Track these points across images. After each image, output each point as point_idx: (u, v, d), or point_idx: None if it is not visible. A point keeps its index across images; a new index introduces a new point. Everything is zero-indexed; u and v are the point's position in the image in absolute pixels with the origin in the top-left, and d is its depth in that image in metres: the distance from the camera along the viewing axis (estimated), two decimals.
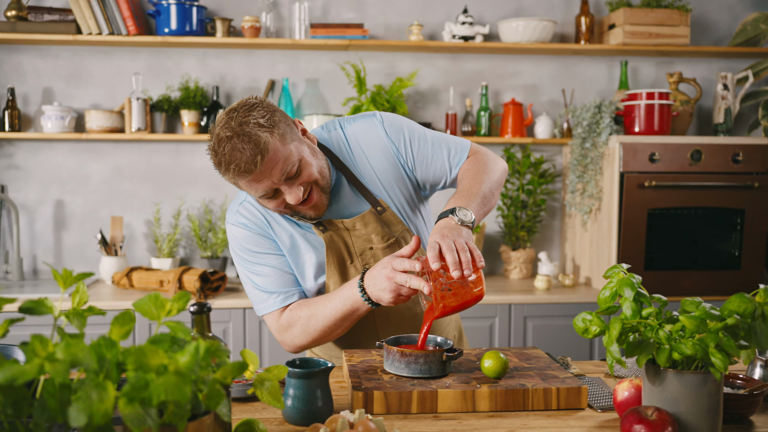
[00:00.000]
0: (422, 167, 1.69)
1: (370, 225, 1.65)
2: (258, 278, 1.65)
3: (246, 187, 1.51)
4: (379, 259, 1.65)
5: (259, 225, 1.64)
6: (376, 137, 1.67)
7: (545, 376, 1.44)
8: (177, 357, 0.86)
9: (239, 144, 1.44)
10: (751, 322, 1.15)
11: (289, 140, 1.50)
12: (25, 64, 3.34)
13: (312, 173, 1.53)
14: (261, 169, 1.45)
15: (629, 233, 3.02)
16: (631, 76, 3.61)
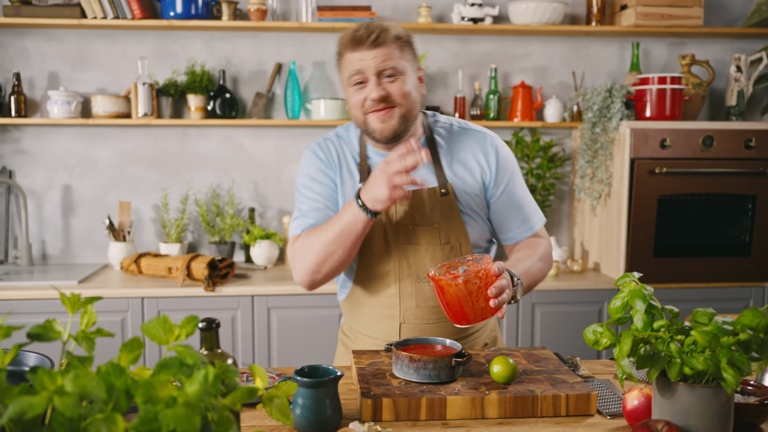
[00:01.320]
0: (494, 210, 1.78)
1: (417, 203, 1.70)
2: (301, 202, 1.76)
3: (350, 61, 1.64)
4: (419, 241, 1.70)
5: (329, 160, 1.76)
6: (481, 147, 1.75)
7: (554, 381, 1.43)
8: (186, 385, 0.86)
9: (368, 24, 1.64)
10: (764, 337, 1.14)
11: (405, 56, 1.65)
12: (30, 48, 3.31)
13: (402, 89, 1.63)
14: (370, 44, 1.60)
15: (639, 220, 2.99)
16: (643, 58, 3.55)
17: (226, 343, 2.92)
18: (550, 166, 3.42)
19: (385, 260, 1.72)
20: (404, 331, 1.73)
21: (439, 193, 1.71)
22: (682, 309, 3.03)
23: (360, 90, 1.65)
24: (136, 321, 2.87)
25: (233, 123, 3.26)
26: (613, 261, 3.13)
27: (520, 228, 1.79)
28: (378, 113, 1.64)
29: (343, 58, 1.66)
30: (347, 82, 1.67)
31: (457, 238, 1.72)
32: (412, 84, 1.67)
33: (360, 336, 1.81)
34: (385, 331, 1.75)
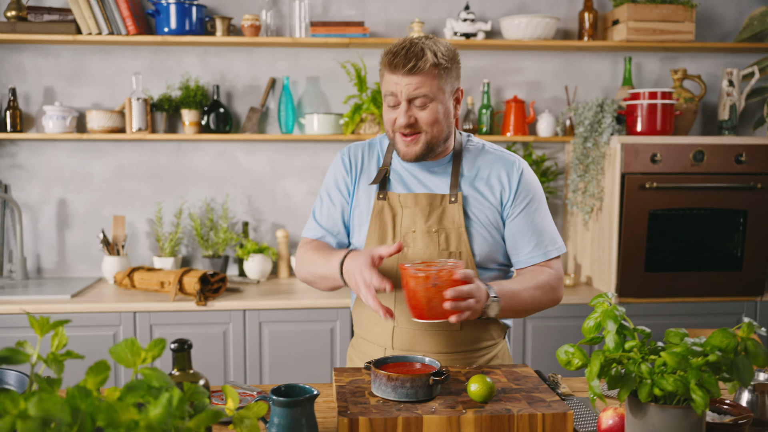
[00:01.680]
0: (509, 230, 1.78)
1: (419, 206, 1.74)
2: (318, 207, 1.87)
3: (387, 80, 1.68)
4: (418, 245, 1.73)
5: (352, 164, 1.84)
6: (506, 168, 1.78)
7: (532, 400, 1.44)
8: (150, 408, 0.87)
9: (411, 45, 1.64)
10: (734, 357, 1.15)
11: (441, 82, 1.66)
12: (26, 63, 3.34)
13: (429, 119, 1.67)
14: (404, 71, 1.63)
15: (630, 234, 3.00)
16: (636, 72, 3.57)
17: (218, 357, 2.93)
18: (542, 180, 3.43)
19: (385, 262, 1.73)
20: (397, 335, 1.74)
21: (448, 200, 1.75)
22: (674, 323, 3.03)
23: (392, 110, 1.69)
24: (128, 335, 2.88)
25: (227, 138, 3.29)
26: (604, 275, 3.13)
27: (531, 253, 1.77)
28: (404, 137, 1.70)
29: (382, 73, 1.70)
30: (383, 97, 1.72)
31: (457, 246, 1.72)
32: (443, 110, 1.68)
33: (361, 341, 1.86)
34: (380, 334, 1.78)
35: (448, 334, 1.75)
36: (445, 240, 1.73)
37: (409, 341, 1.75)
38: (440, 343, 1.75)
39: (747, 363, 1.15)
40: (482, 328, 1.79)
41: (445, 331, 1.74)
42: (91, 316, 2.88)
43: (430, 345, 1.75)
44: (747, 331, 1.16)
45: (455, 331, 1.75)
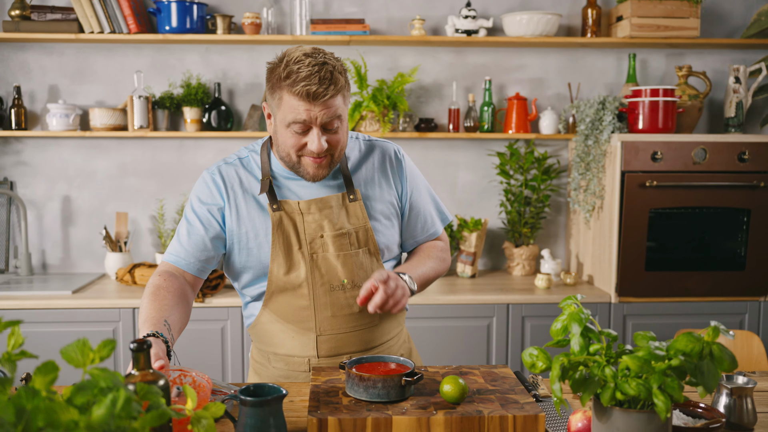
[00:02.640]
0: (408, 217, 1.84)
1: (325, 210, 1.72)
2: (183, 228, 1.73)
3: (294, 108, 1.57)
4: (328, 249, 1.71)
5: (224, 185, 1.72)
6: (389, 158, 1.82)
7: (505, 401, 1.43)
8: (93, 409, 0.87)
9: (319, 70, 1.54)
10: (698, 362, 1.13)
11: (346, 101, 1.64)
12: (31, 62, 3.38)
13: (341, 140, 1.65)
14: (323, 100, 1.55)
15: (630, 233, 2.97)
16: (641, 69, 3.53)
17: (216, 354, 2.94)
18: (544, 178, 3.41)
19: (295, 273, 1.71)
20: (321, 343, 1.73)
21: (348, 199, 1.74)
22: (675, 324, 3.00)
23: (299, 135, 1.61)
24: (128, 331, 2.91)
25: (229, 135, 3.30)
26: (605, 274, 3.10)
27: (426, 233, 1.89)
28: (314, 160, 1.64)
29: (284, 99, 1.58)
30: (284, 123, 1.60)
31: (365, 242, 1.75)
32: (347, 128, 1.68)
33: (274, 357, 1.78)
34: (301, 346, 1.74)
35: (369, 331, 1.77)
36: (355, 240, 1.73)
37: (335, 346, 1.74)
38: (363, 342, 1.76)
39: (712, 368, 1.13)
40: (392, 317, 1.83)
41: (366, 329, 1.77)
42: (92, 312, 2.91)
43: (355, 345, 1.76)
44: (712, 335, 1.14)
45: (374, 326, 1.78)
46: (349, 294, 1.73)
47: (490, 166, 3.53)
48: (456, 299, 2.99)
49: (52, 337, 2.88)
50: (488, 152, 3.53)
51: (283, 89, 1.57)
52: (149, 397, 1.01)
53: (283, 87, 1.57)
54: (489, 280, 3.31)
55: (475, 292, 3.07)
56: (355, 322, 1.75)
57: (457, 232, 3.40)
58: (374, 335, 1.79)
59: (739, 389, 1.42)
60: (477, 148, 3.53)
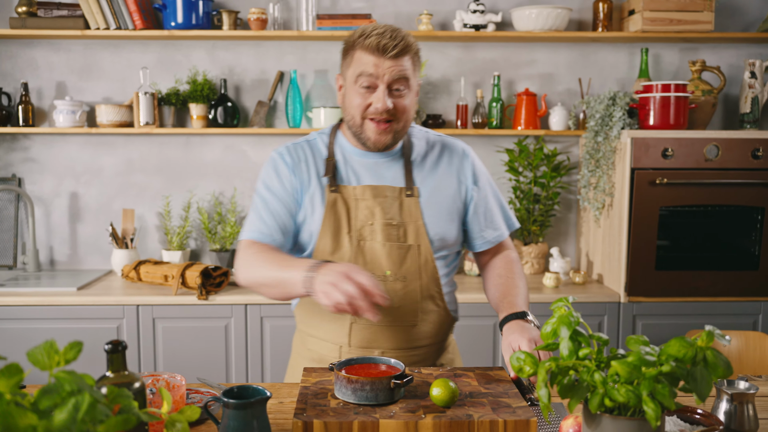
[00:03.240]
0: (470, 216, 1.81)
1: (379, 198, 1.71)
2: (259, 205, 1.73)
3: (363, 62, 1.60)
4: (376, 237, 1.70)
5: (295, 165, 1.73)
6: (458, 157, 1.81)
7: (497, 405, 1.39)
8: (55, 414, 0.85)
9: (392, 30, 1.61)
10: (691, 368, 1.09)
11: (416, 72, 1.67)
12: (38, 58, 3.38)
13: (406, 105, 1.65)
14: (392, 54, 1.58)
15: (639, 231, 2.91)
16: (654, 64, 3.46)
17: (219, 352, 2.93)
18: (553, 175, 3.36)
19: (339, 255, 1.70)
20: (354, 331, 1.71)
21: (404, 194, 1.72)
22: (686, 324, 2.94)
23: (365, 93, 1.63)
24: (132, 328, 2.91)
25: (235, 131, 3.28)
26: (614, 273, 3.05)
27: (490, 236, 1.84)
28: (377, 124, 1.65)
29: (355, 56, 1.62)
30: (352, 79, 1.63)
31: (415, 239, 1.72)
32: (413, 99, 1.69)
33: (311, 339, 1.79)
34: (335, 331, 1.73)
35: (406, 330, 1.74)
36: (403, 233, 1.71)
37: (368, 338, 1.72)
38: (398, 340, 1.73)
39: (705, 374, 1.09)
40: (436, 322, 1.79)
41: (403, 326, 1.73)
42: (96, 309, 2.91)
43: (389, 342, 1.73)
44: (706, 341, 1.10)
45: (412, 327, 1.74)
46: (390, 287, 1.70)
47: (498, 163, 3.48)
48: (462, 298, 2.95)
49: (57, 333, 2.89)
50: (497, 149, 3.48)
51: (356, 47, 1.62)
52: (120, 401, 0.99)
53: (356, 45, 1.62)
54: None
55: (482, 290, 3.02)
56: (393, 317, 1.71)
57: None
58: (412, 336, 1.74)
59: (740, 395, 1.37)
60: (485, 144, 3.48)
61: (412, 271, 1.72)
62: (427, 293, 1.76)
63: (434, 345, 1.80)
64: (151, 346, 2.92)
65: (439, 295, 1.78)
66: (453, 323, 1.87)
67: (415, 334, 1.75)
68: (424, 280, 1.74)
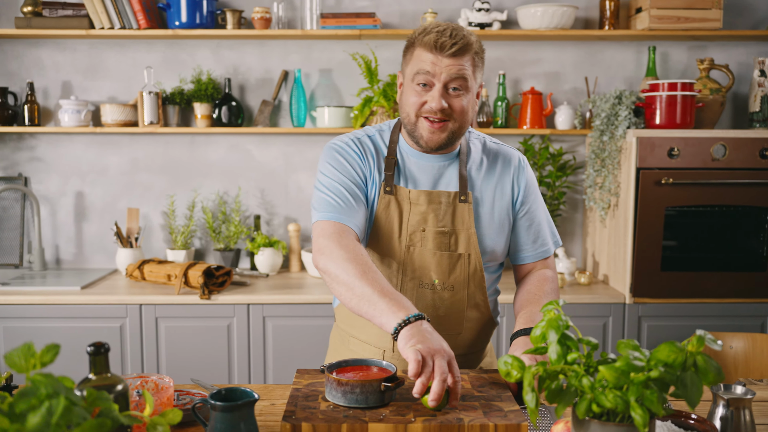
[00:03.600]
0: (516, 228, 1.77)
1: (432, 204, 1.67)
2: (328, 188, 1.65)
3: (421, 59, 1.58)
4: (427, 245, 1.67)
5: (363, 155, 1.69)
6: (513, 166, 1.75)
7: (489, 409, 1.38)
8: (29, 417, 0.84)
9: (453, 29, 1.58)
10: (681, 374, 1.07)
11: (476, 73, 1.62)
12: (44, 58, 3.39)
13: (463, 106, 1.60)
14: (450, 52, 1.56)
15: (645, 232, 2.88)
16: (661, 62, 3.42)
17: (222, 352, 2.93)
18: (559, 175, 3.33)
19: (389, 261, 1.68)
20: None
21: (458, 199, 1.69)
22: (693, 325, 2.91)
23: (421, 91, 1.60)
24: (135, 328, 2.91)
25: (239, 131, 3.28)
26: (620, 274, 3.02)
27: (535, 251, 1.79)
28: (431, 124, 1.62)
29: (414, 52, 1.60)
30: (410, 77, 1.61)
31: (466, 248, 1.69)
32: (472, 101, 1.65)
33: (353, 341, 1.77)
34: (379, 336, 1.71)
35: (451, 338, 1.71)
36: (455, 241, 1.68)
37: None
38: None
39: (696, 380, 1.07)
40: (480, 330, 1.77)
41: (449, 335, 1.70)
42: (100, 308, 2.91)
43: None
44: (697, 346, 1.07)
45: (457, 335, 1.72)
46: (438, 295, 1.68)
47: None
48: None
49: (61, 332, 2.90)
50: None
51: (416, 44, 1.60)
52: (99, 403, 0.98)
53: (416, 42, 1.61)
54: (503, 279, 3.23)
55: None
56: (438, 326, 1.68)
57: None
58: (455, 343, 1.73)
59: (736, 400, 1.34)
60: None
61: (460, 281, 1.69)
62: (473, 302, 1.73)
63: (477, 352, 1.79)
64: (154, 346, 2.92)
65: (484, 303, 1.75)
66: (494, 328, 1.85)
67: (460, 342, 1.74)
68: (471, 289, 1.71)
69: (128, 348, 2.92)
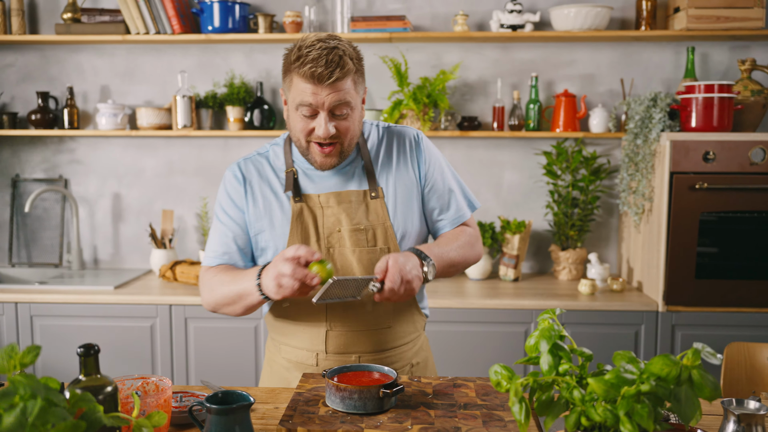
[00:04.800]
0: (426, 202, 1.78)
1: (343, 204, 1.69)
2: (214, 229, 1.76)
3: (302, 90, 1.56)
4: (345, 244, 1.69)
5: (244, 181, 1.72)
6: (408, 144, 1.77)
7: (490, 418, 1.35)
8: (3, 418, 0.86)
9: (327, 53, 1.54)
10: (675, 388, 1.03)
11: (358, 88, 1.62)
12: (84, 63, 3.48)
13: (349, 127, 1.61)
14: (329, 83, 1.54)
15: (679, 238, 2.79)
16: (701, 63, 3.32)
17: (249, 353, 2.96)
18: (592, 179, 3.26)
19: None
20: (331, 338, 1.70)
21: (369, 196, 1.71)
22: (728, 335, 2.81)
23: (307, 119, 1.59)
24: (165, 328, 2.96)
25: (271, 134, 3.31)
26: (653, 281, 2.93)
27: (449, 218, 1.80)
28: (322, 149, 1.62)
29: (293, 81, 1.58)
30: (294, 106, 1.60)
31: (385, 241, 1.70)
32: (358, 115, 1.65)
33: (284, 347, 1.77)
34: (310, 339, 1.72)
35: (382, 333, 1.73)
36: (372, 237, 1.69)
37: (344, 344, 1.71)
38: (374, 343, 1.72)
39: (691, 395, 1.03)
40: (409, 321, 1.78)
41: (378, 329, 1.72)
42: (131, 308, 2.97)
43: (365, 345, 1.72)
44: (693, 359, 1.03)
45: (387, 328, 1.73)
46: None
47: (536, 166, 3.41)
48: (493, 303, 2.90)
49: (94, 331, 2.97)
50: (534, 151, 3.40)
51: (293, 72, 1.57)
52: (82, 404, 1.00)
53: (292, 70, 1.57)
54: (532, 285, 3.19)
55: (516, 296, 2.97)
56: (368, 322, 1.71)
57: (499, 234, 3.30)
58: (387, 337, 1.74)
59: (748, 416, 1.28)
60: (523, 147, 3.41)
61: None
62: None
63: (408, 344, 1.79)
64: (183, 346, 2.96)
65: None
66: (424, 321, 1.86)
67: (391, 335, 1.75)
68: None
69: (158, 348, 2.98)
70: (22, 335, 2.99)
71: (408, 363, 1.79)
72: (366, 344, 1.72)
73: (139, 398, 1.29)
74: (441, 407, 1.41)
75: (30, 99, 3.50)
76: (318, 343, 1.71)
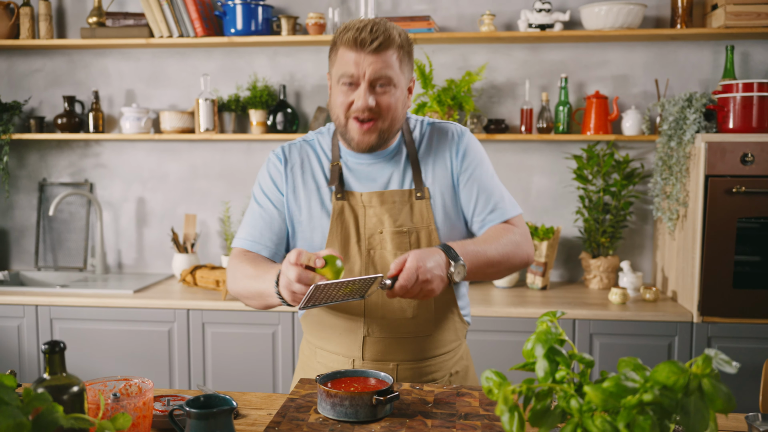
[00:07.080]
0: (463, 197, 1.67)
1: (386, 204, 1.62)
2: (250, 210, 1.69)
3: (344, 60, 1.53)
4: (386, 246, 1.61)
5: (286, 166, 1.67)
6: (450, 139, 1.68)
7: (490, 429, 1.26)
8: None
9: (373, 24, 1.53)
10: (682, 398, 0.92)
11: (403, 66, 1.57)
12: (110, 67, 3.49)
13: (390, 103, 1.56)
14: (371, 48, 1.50)
15: (715, 245, 2.65)
16: (741, 63, 3.17)
17: (266, 358, 2.90)
18: (625, 183, 3.12)
19: (350, 267, 1.61)
20: (368, 344, 1.61)
21: (414, 196, 1.62)
22: (765, 349, 2.65)
23: (348, 92, 1.55)
24: (182, 332, 2.92)
25: (292, 138, 3.26)
26: (688, 290, 2.79)
27: (489, 215, 1.66)
28: (360, 124, 1.56)
29: (338, 53, 1.55)
30: (336, 79, 1.57)
31: (429, 245, 1.61)
32: (402, 97, 1.59)
33: (321, 352, 1.69)
34: (348, 345, 1.64)
35: (422, 340, 1.63)
36: (416, 239, 1.60)
37: (382, 351, 1.62)
38: (413, 351, 1.62)
39: (701, 406, 0.92)
40: (451, 329, 1.68)
41: (419, 337, 1.62)
42: (150, 312, 2.94)
43: (404, 353, 1.62)
44: (703, 367, 0.92)
45: (426, 336, 1.63)
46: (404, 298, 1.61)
47: (565, 170, 3.29)
48: (518, 312, 2.78)
49: (113, 335, 2.95)
50: (564, 155, 3.28)
51: (338, 44, 1.55)
52: (38, 404, 0.94)
53: (338, 42, 1.56)
54: (560, 293, 3.07)
55: (543, 305, 2.85)
56: (407, 329, 1.62)
57: None
58: (426, 346, 1.65)
59: None
60: (551, 150, 3.30)
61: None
62: (441, 301, 1.64)
63: (449, 353, 1.69)
64: (200, 351, 2.92)
65: (453, 301, 1.67)
66: (466, 328, 1.75)
67: (431, 343, 1.65)
68: None
69: (176, 352, 2.94)
70: (42, 338, 2.99)
71: (448, 372, 1.70)
72: (405, 352, 1.63)
73: (119, 400, 1.23)
74: (440, 416, 1.32)
75: (57, 103, 3.52)
76: (355, 349, 1.63)
